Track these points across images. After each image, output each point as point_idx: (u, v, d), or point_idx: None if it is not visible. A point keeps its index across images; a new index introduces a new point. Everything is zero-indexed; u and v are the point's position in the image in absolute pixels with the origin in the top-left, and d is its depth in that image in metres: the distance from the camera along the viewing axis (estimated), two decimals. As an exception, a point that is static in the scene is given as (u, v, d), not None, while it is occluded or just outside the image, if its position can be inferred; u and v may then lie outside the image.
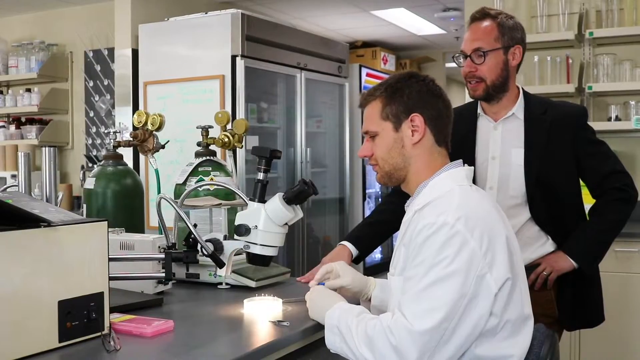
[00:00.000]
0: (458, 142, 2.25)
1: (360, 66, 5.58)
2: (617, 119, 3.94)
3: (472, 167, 1.68)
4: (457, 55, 2.21)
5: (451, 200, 1.52)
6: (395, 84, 1.65)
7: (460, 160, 1.67)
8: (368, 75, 5.66)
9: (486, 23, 2.16)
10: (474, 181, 2.18)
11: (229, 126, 2.61)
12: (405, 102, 1.62)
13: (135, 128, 2.55)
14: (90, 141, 5.26)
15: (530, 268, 2.18)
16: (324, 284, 1.78)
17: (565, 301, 2.21)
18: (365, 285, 1.82)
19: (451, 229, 1.45)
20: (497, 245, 1.48)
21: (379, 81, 1.75)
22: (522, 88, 2.28)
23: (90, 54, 5.19)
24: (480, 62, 2.14)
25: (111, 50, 4.87)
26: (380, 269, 5.46)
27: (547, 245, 2.20)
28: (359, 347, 1.48)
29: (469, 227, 1.45)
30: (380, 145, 1.65)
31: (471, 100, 2.30)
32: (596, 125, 3.86)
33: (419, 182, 1.64)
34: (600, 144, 2.24)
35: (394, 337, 1.43)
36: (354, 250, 2.21)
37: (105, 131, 5.12)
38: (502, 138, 2.21)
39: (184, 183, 2.43)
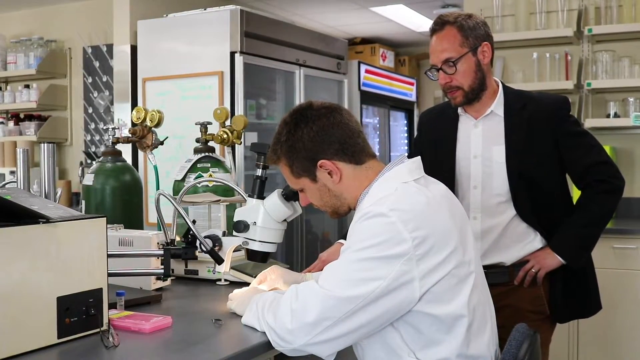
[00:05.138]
0: (440, 140, 2.25)
1: (359, 63, 5.56)
2: (616, 115, 3.94)
3: (418, 158, 1.64)
4: (429, 69, 2.16)
5: (389, 197, 1.50)
6: (287, 141, 1.61)
7: (404, 155, 1.65)
8: (367, 71, 5.64)
9: (447, 30, 2.12)
10: (456, 181, 2.18)
11: (227, 122, 2.62)
12: (305, 156, 1.60)
13: (134, 124, 2.55)
14: (89, 137, 5.25)
15: (518, 265, 2.18)
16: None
17: (556, 294, 2.20)
18: (300, 281, 1.83)
19: (386, 219, 1.44)
20: (436, 241, 1.45)
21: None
22: (502, 82, 2.24)
23: (89, 50, 5.18)
24: (453, 72, 2.11)
25: (110, 47, 4.86)
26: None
27: (535, 242, 2.19)
28: (266, 315, 1.51)
29: (403, 220, 1.44)
30: (311, 196, 1.67)
31: None
32: (595, 122, 3.88)
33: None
34: (582, 135, 2.21)
35: (297, 301, 1.46)
36: None
37: (104, 127, 5.12)
38: (483, 136, 2.20)
39: (183, 179, 2.43)
